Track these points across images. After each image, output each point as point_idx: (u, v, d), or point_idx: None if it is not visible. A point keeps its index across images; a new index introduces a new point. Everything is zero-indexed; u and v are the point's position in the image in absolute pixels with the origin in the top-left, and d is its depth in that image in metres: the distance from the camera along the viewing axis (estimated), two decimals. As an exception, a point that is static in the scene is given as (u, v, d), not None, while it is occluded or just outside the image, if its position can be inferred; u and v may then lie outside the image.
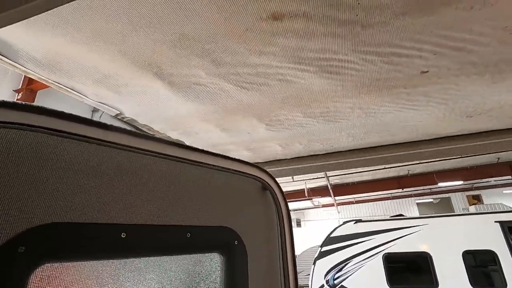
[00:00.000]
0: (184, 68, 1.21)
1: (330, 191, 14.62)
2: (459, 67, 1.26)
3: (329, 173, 13.88)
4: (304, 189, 15.98)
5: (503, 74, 1.31)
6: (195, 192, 1.12)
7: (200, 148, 1.12)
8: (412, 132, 1.71)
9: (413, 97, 1.54)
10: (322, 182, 15.91)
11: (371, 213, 21.39)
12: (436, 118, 1.68)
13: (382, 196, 20.41)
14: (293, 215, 22.29)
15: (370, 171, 14.90)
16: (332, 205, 19.55)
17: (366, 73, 1.33)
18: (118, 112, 1.65)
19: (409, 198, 20.78)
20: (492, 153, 12.75)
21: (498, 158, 13.90)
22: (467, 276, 5.19)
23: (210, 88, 1.39)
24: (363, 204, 21.74)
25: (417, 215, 18.35)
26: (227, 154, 1.16)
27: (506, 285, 4.96)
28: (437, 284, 5.37)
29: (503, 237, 5.25)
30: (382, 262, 5.94)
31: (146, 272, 1.03)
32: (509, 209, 6.04)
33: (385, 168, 14.48)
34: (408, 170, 15.42)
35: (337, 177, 15.39)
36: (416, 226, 6.03)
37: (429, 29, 1.04)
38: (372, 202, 21.51)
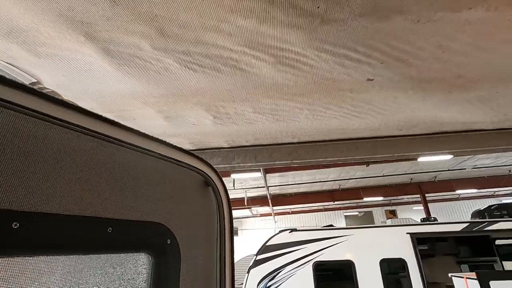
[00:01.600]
0: (123, 34, 1.04)
1: (269, 200, 14.96)
2: (399, 79, 1.36)
3: (270, 183, 14.21)
4: (244, 197, 16.03)
5: (434, 91, 1.46)
6: (122, 179, 0.93)
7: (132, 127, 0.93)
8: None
9: (357, 102, 1.62)
10: (262, 192, 16.19)
11: (305, 223, 22.51)
12: (372, 127, 1.79)
13: (315, 208, 21.71)
14: (231, 224, 22.08)
15: (307, 184, 15.75)
16: (270, 214, 20.02)
17: (318, 70, 1.34)
18: (35, 81, 1.34)
19: (339, 211, 22.55)
20: (407, 173, 14.71)
21: (411, 179, 16.12)
22: (382, 282, 5.66)
23: (154, 65, 1.23)
24: (299, 214, 22.78)
25: (345, 226, 19.87)
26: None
27: (412, 289, 5.52)
28: (357, 290, 5.73)
29: (412, 246, 5.88)
30: (311, 270, 6.16)
31: (49, 274, 0.80)
32: (418, 223, 6.86)
33: (320, 182, 15.48)
34: (340, 185, 16.78)
35: (277, 187, 15.86)
36: (344, 236, 6.42)
37: (380, 36, 1.08)
38: (306, 213, 22.69)
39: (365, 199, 17.53)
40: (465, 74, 1.32)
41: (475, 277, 3.65)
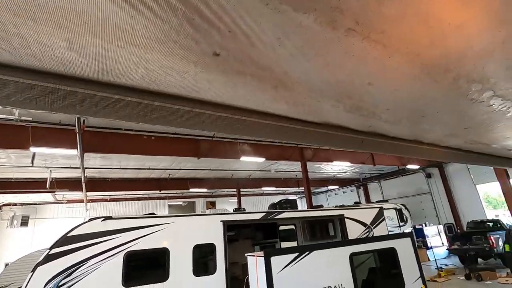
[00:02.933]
0: None
1: (83, 185, 12.59)
2: (242, 58, 1.42)
3: (88, 164, 12.02)
4: (46, 178, 12.71)
5: (266, 82, 1.63)
6: None
7: None
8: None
9: (200, 79, 1.56)
10: (74, 174, 13.44)
11: (125, 212, 20.76)
12: (209, 106, 1.79)
13: (139, 196, 20.49)
14: (19, 211, 16.94)
15: (134, 170, 14.55)
16: (82, 201, 16.95)
17: (165, 25, 1.17)
18: None
19: (163, 200, 22.41)
20: (230, 169, 16.73)
21: (232, 175, 18.47)
22: (192, 267, 5.96)
23: None
24: (119, 202, 20.70)
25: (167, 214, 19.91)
26: None
27: (215, 270, 6.18)
28: (167, 277, 5.76)
29: (222, 232, 6.59)
30: (122, 261, 5.61)
31: None
32: (230, 212, 7.83)
33: (150, 169, 14.74)
34: (169, 174, 16.68)
35: (97, 170, 13.66)
36: (163, 224, 6.31)
37: (234, 1, 1.06)
38: (128, 201, 20.97)
39: (191, 190, 18.37)
40: (290, 73, 1.56)
41: (262, 255, 4.52)
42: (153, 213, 7.10)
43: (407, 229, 16.38)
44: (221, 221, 6.60)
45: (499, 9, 1.36)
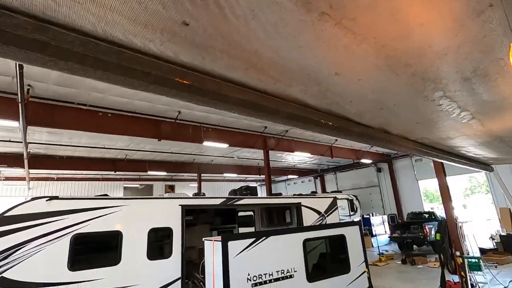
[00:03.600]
0: None
1: (26, 161, 11.40)
2: (212, 33, 1.35)
3: (32, 139, 10.88)
4: (-21, 152, 11.29)
5: (236, 61, 1.58)
6: None
7: None
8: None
9: (165, 49, 1.46)
10: (15, 148, 12.10)
11: (75, 192, 19.33)
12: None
13: (91, 176, 19.18)
14: None
15: (86, 148, 13.51)
16: (23, 179, 15.39)
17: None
18: None
19: (118, 182, 21.30)
20: (190, 153, 16.36)
21: (194, 160, 18.12)
22: (146, 251, 5.79)
23: None
24: (67, 182, 19.19)
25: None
26: None
27: (171, 254, 6.08)
28: (119, 260, 5.55)
29: (180, 216, 6.48)
30: (68, 244, 5.24)
31: None
32: (189, 197, 7.71)
33: (104, 148, 13.81)
34: (126, 155, 15.82)
35: (41, 146, 12.43)
36: (117, 206, 6.00)
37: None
38: (78, 181, 19.53)
39: (149, 172, 17.68)
40: (261, 52, 1.53)
41: (220, 240, 4.55)
42: (106, 195, 6.68)
43: (356, 218, 17.72)
44: (179, 205, 6.48)
45: (459, 14, 1.46)
